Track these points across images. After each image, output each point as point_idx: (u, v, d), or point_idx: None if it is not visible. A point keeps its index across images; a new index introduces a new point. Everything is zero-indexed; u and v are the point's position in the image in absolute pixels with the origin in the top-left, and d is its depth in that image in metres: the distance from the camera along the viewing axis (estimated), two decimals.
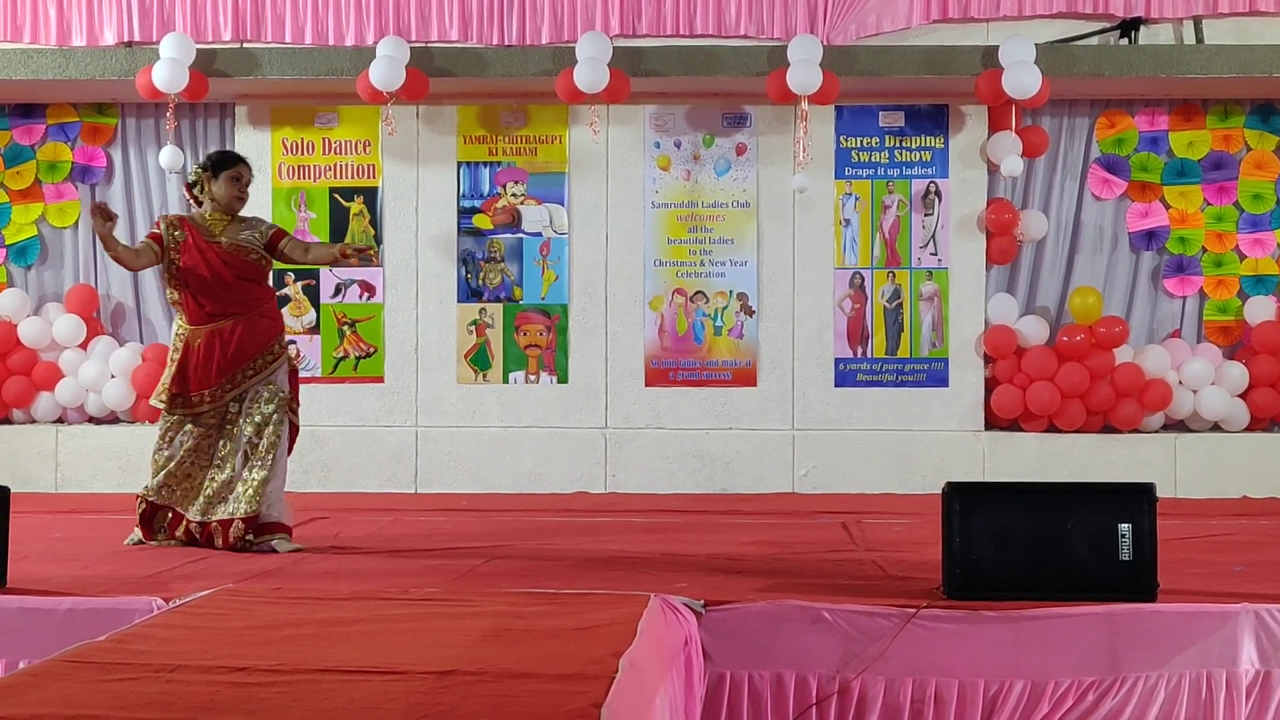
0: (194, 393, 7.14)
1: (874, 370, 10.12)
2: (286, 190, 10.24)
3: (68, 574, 6.25)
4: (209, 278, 7.12)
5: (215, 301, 7.14)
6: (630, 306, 10.19)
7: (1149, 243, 10.26)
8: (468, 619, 5.05)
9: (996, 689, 5.36)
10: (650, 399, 10.17)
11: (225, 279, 7.13)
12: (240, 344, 7.12)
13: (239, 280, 7.17)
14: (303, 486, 10.06)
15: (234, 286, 7.16)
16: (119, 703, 3.80)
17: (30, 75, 9.81)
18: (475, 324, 10.22)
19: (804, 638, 5.40)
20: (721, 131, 10.19)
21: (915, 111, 10.14)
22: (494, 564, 6.70)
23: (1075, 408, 9.96)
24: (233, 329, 7.12)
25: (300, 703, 3.81)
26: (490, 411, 10.20)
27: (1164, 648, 5.38)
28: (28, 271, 10.62)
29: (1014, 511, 5.54)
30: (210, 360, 7.11)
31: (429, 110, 10.19)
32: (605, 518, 8.68)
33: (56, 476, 10.17)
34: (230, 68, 9.74)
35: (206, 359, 7.11)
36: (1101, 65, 9.68)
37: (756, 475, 10.07)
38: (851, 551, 7.11)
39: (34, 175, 10.53)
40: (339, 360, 10.25)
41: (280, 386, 7.21)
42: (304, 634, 4.78)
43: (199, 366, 7.12)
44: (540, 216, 10.23)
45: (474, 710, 3.74)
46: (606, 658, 4.27)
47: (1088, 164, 10.30)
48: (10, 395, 10.35)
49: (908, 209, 10.12)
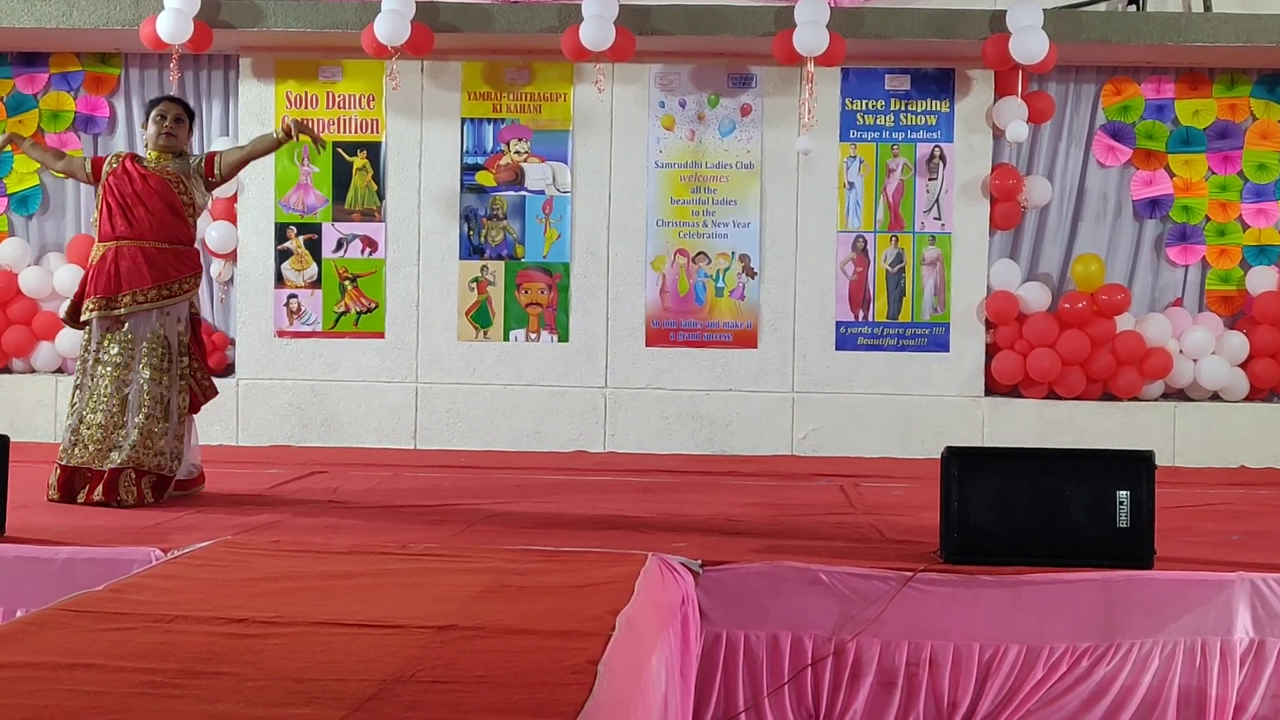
0: (86, 298, 7.13)
1: (875, 334, 10.12)
2: (289, 144, 10.18)
3: (66, 524, 6.28)
4: (129, 194, 7.11)
5: (127, 222, 7.11)
6: (632, 266, 10.17)
7: (1152, 211, 10.24)
8: (466, 575, 5.07)
9: (991, 653, 5.39)
10: (650, 359, 10.16)
11: (144, 200, 7.11)
12: (138, 265, 7.06)
13: (159, 207, 7.13)
14: (303, 440, 10.11)
15: (152, 212, 7.12)
16: (117, 652, 3.82)
17: (34, 23, 9.75)
18: (477, 281, 10.21)
19: (801, 599, 5.42)
20: (726, 92, 10.16)
21: (921, 75, 10.11)
22: (492, 521, 6.73)
23: (1075, 375, 9.96)
24: (136, 250, 7.08)
25: (298, 654, 3.83)
26: (490, 369, 10.20)
27: (1160, 615, 5.41)
28: (29, 221, 10.60)
29: (1013, 477, 5.56)
30: (101, 272, 7.08)
31: (433, 66, 10.15)
32: (604, 477, 8.71)
33: (55, 426, 10.16)
34: (235, 19, 9.69)
35: (100, 272, 7.09)
36: (1109, 32, 9.64)
37: (756, 437, 10.08)
38: (849, 514, 7.13)
39: (36, 124, 10.49)
40: (340, 315, 10.24)
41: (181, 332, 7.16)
42: (302, 586, 4.80)
43: (94, 277, 7.11)
44: (543, 174, 10.20)
45: (471, 665, 3.75)
46: (604, 615, 4.29)
47: (1093, 131, 10.27)
48: (10, 345, 10.35)
49: (912, 173, 10.10)
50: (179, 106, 7.36)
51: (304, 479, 8.23)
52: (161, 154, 7.25)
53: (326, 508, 7.11)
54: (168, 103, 7.36)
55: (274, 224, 10.22)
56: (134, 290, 7.04)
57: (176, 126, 7.28)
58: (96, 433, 6.99)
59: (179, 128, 7.30)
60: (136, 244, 7.08)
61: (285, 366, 10.21)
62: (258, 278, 10.26)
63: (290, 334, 10.24)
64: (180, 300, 7.15)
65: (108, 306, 7.06)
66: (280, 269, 10.24)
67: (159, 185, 7.14)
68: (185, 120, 7.37)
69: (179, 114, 7.32)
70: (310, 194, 10.22)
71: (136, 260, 7.06)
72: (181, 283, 7.17)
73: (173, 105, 7.34)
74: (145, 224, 7.10)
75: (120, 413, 7.02)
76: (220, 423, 9.93)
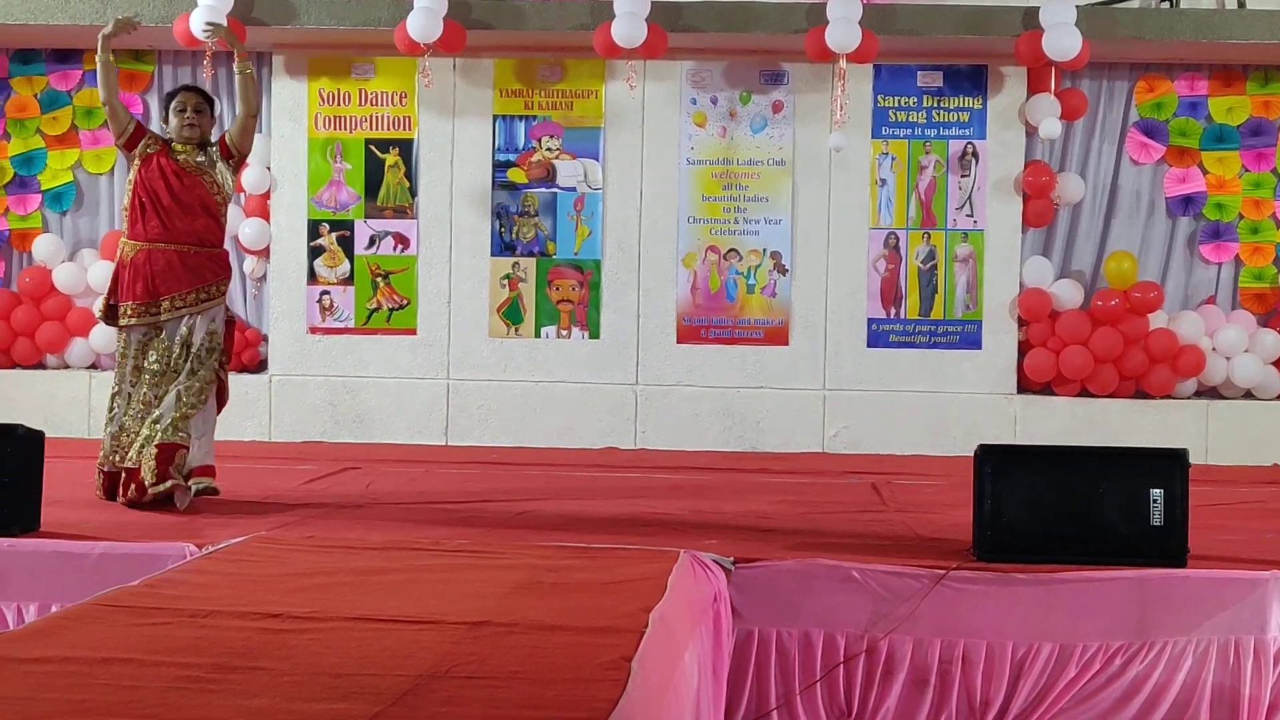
0: (123, 302, 7.00)
1: (907, 331, 10.10)
2: (322, 141, 10.25)
3: (101, 519, 6.30)
4: (161, 192, 6.98)
5: (161, 223, 6.97)
6: (663, 263, 10.17)
7: (1186, 208, 10.20)
8: (499, 571, 5.08)
9: (1025, 651, 5.37)
10: (681, 356, 10.16)
11: (179, 198, 6.98)
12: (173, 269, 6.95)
13: (194, 207, 7.02)
14: (334, 436, 10.13)
15: (186, 212, 6.99)
16: (153, 647, 3.84)
17: (68, 20, 9.80)
18: (508, 278, 10.23)
19: (833, 596, 5.41)
20: (758, 89, 10.15)
21: (954, 72, 10.08)
22: (525, 517, 6.74)
23: (1108, 372, 9.93)
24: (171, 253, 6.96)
25: (333, 650, 3.84)
26: (522, 366, 10.22)
27: (1193, 613, 5.38)
28: (63, 217, 10.65)
29: (1046, 475, 5.55)
30: (137, 276, 6.96)
31: (466, 63, 10.17)
32: (635, 474, 8.71)
33: (89, 422, 10.22)
34: (268, 16, 9.73)
35: (135, 276, 6.96)
36: (1142, 29, 9.61)
37: (787, 434, 10.07)
38: (881, 512, 7.12)
39: (70, 121, 10.55)
40: (372, 312, 10.27)
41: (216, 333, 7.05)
42: (336, 582, 4.82)
43: (130, 283, 6.98)
44: (575, 171, 10.21)
45: (505, 661, 3.76)
46: (637, 612, 4.30)
47: (1126, 128, 10.23)
48: (44, 341, 10.41)
49: (944, 170, 10.08)
50: (198, 95, 7.22)
51: (336, 475, 8.25)
52: (188, 146, 7.12)
53: (359, 504, 7.13)
54: (185, 93, 7.21)
55: (307, 221, 10.25)
56: (172, 295, 6.93)
57: (198, 116, 7.14)
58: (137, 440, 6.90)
59: (200, 118, 7.16)
60: (171, 246, 6.96)
61: (318, 363, 10.24)
62: (290, 274, 10.29)
63: (323, 330, 10.27)
64: (217, 303, 7.05)
65: (148, 313, 6.94)
66: (313, 265, 10.27)
67: (192, 182, 7.03)
68: (206, 109, 7.21)
69: (198, 103, 7.16)
70: (343, 191, 10.25)
71: (172, 263, 6.95)
72: (217, 284, 7.07)
73: (191, 95, 7.20)
74: (179, 226, 6.97)
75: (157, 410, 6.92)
76: (253, 419, 9.99)
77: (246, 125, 7.23)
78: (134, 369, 7.01)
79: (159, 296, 6.94)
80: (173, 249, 6.97)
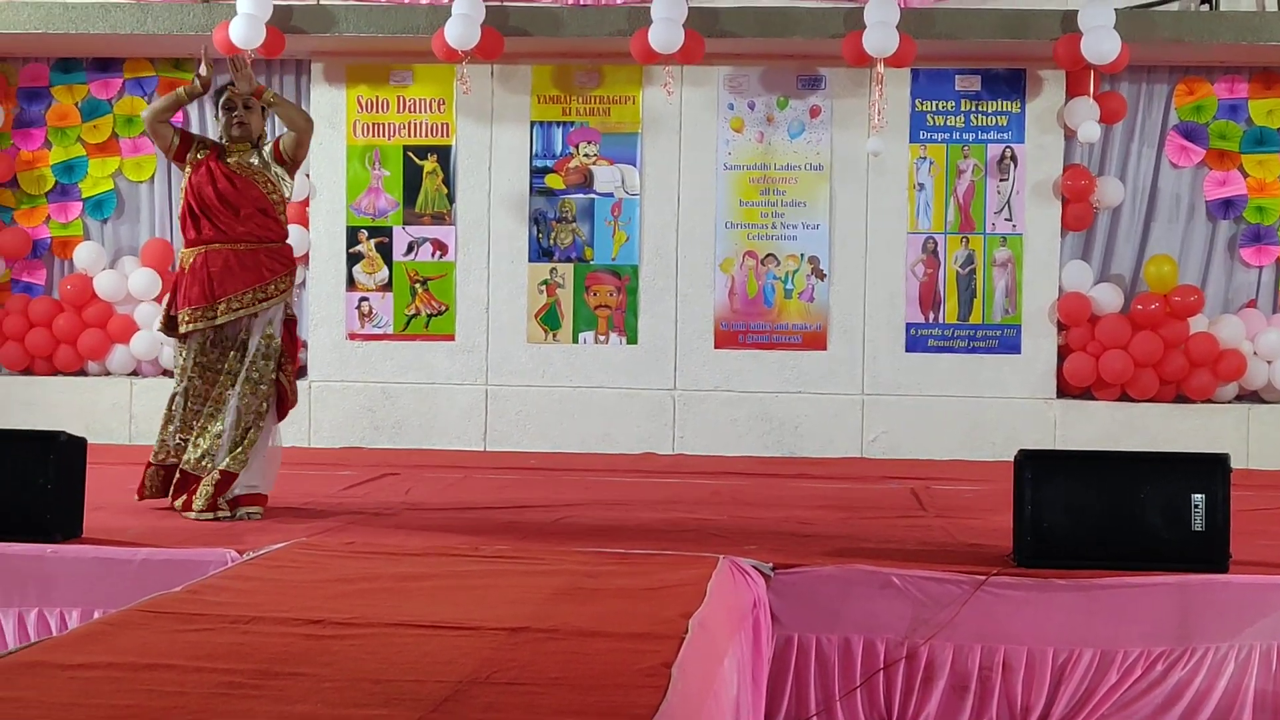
0: (181, 309, 6.91)
1: (945, 336, 10.07)
2: (361, 148, 10.28)
3: (142, 525, 6.35)
4: (211, 198, 6.90)
5: (215, 227, 6.89)
6: (701, 268, 10.18)
7: (1226, 211, 10.14)
8: (539, 577, 5.09)
9: (1065, 657, 5.36)
10: (719, 361, 10.16)
11: (231, 202, 6.89)
12: (230, 269, 6.85)
13: (249, 210, 6.93)
14: (373, 442, 10.16)
15: (239, 215, 6.90)
16: (195, 653, 3.86)
17: (108, 29, 9.87)
18: (546, 284, 10.24)
19: (873, 602, 5.41)
20: (796, 94, 10.14)
21: (992, 75, 10.06)
22: (564, 523, 6.75)
23: (1148, 377, 9.88)
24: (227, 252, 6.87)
25: (374, 655, 3.86)
26: (560, 371, 10.23)
27: (1235, 619, 5.36)
28: (104, 225, 10.71)
29: (1086, 480, 5.53)
30: (194, 280, 6.86)
31: (503, 69, 10.19)
32: (673, 479, 8.71)
33: (131, 428, 10.28)
34: (306, 24, 9.77)
35: (192, 280, 6.87)
36: (1182, 31, 9.56)
37: (825, 439, 10.05)
38: (921, 517, 7.10)
39: (111, 129, 10.61)
40: (410, 318, 10.29)
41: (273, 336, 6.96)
42: (377, 588, 4.84)
43: (188, 287, 6.89)
44: (612, 177, 10.22)
45: (545, 666, 3.77)
46: (676, 618, 4.30)
47: (1165, 131, 10.18)
48: (86, 348, 10.47)
49: (983, 174, 10.05)
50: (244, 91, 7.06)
51: (375, 481, 8.28)
52: (239, 145, 7.04)
53: (399, 509, 7.15)
54: (232, 91, 7.04)
55: (345, 228, 10.29)
56: (229, 296, 6.82)
57: (246, 113, 7.04)
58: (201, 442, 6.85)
59: (249, 114, 7.05)
60: (226, 246, 6.87)
61: (356, 369, 10.28)
62: (329, 281, 10.33)
63: (361, 336, 10.30)
64: (277, 301, 6.94)
65: (205, 316, 6.84)
66: (352, 272, 10.31)
67: (245, 184, 6.94)
68: (255, 105, 7.07)
69: (247, 100, 7.05)
70: (381, 198, 10.28)
71: (229, 262, 6.85)
72: (277, 282, 6.94)
73: (239, 94, 7.04)
74: (233, 227, 6.88)
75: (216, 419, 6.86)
76: (293, 425, 9.96)
77: (300, 140, 7.12)
78: (194, 365, 6.92)
79: (216, 299, 6.83)
80: (228, 249, 6.88)
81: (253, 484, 6.87)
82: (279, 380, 6.98)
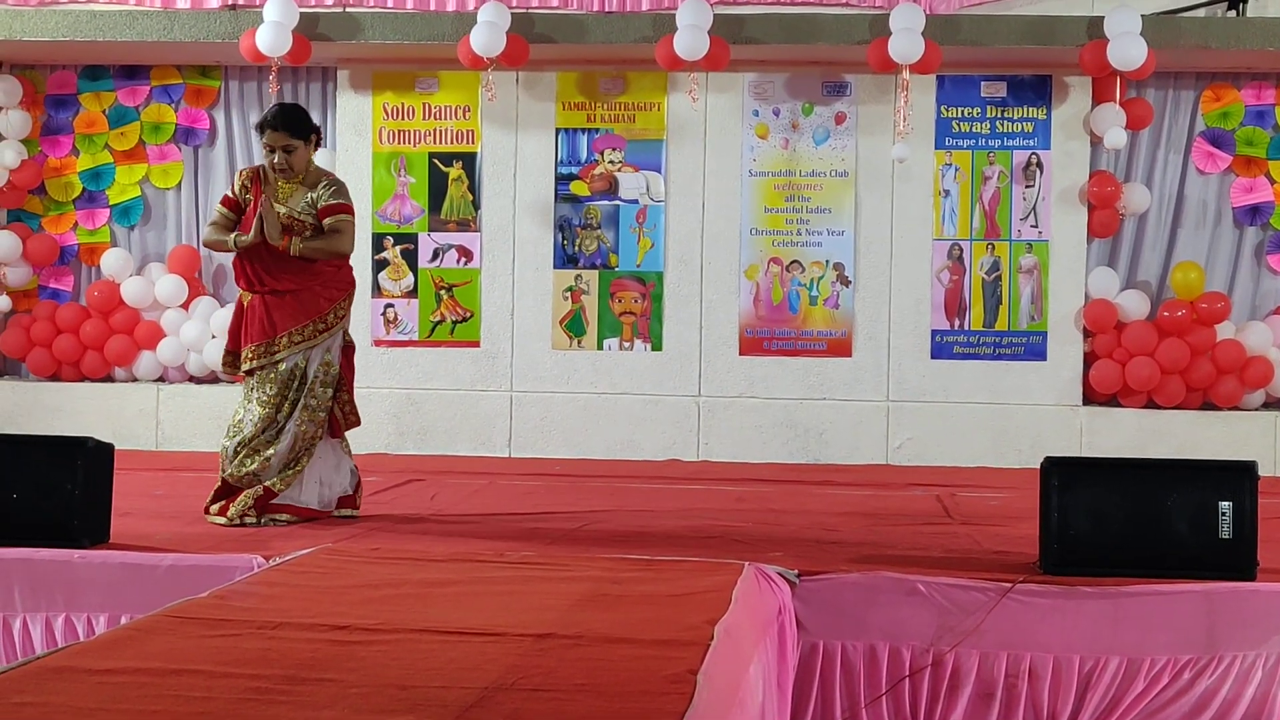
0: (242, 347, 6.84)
1: (971, 343, 10.06)
2: (386, 155, 10.31)
3: (169, 530, 6.36)
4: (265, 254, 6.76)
5: (268, 272, 6.77)
6: (726, 275, 10.17)
7: (1253, 218, 10.11)
8: (564, 583, 5.09)
9: (1092, 665, 5.34)
10: (744, 368, 10.16)
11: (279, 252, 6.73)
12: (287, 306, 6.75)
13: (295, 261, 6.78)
14: (398, 449, 10.18)
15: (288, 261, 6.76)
16: (222, 658, 3.87)
17: (135, 37, 9.92)
18: (571, 290, 10.25)
19: (898, 609, 5.39)
20: (821, 100, 10.14)
21: (1018, 82, 10.04)
22: (588, 529, 6.74)
23: (1175, 384, 9.85)
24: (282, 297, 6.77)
25: (400, 661, 3.86)
26: (584, 377, 10.23)
27: (1262, 627, 5.33)
28: (131, 232, 10.76)
29: (1113, 487, 5.51)
30: (254, 319, 6.79)
31: (529, 76, 10.21)
32: (698, 485, 8.70)
33: (157, 435, 10.32)
34: (332, 31, 9.80)
35: (251, 318, 6.81)
36: (1208, 37, 9.54)
37: (850, 446, 10.04)
38: (946, 524, 7.08)
39: (138, 136, 10.66)
40: (436, 324, 10.31)
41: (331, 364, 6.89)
42: (402, 594, 4.84)
43: (248, 326, 6.82)
44: (637, 184, 10.23)
45: (571, 673, 3.77)
46: (702, 625, 4.29)
47: (1192, 137, 10.16)
48: (113, 354, 10.51)
49: (1008, 180, 10.03)
50: (285, 134, 6.75)
51: (401, 487, 8.29)
52: (286, 185, 6.83)
53: (424, 515, 7.16)
54: (272, 132, 6.74)
55: (371, 234, 10.30)
56: (289, 331, 6.76)
57: (288, 157, 6.77)
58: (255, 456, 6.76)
59: (291, 157, 6.77)
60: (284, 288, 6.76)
61: (382, 375, 10.29)
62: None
63: (387, 343, 10.32)
64: (335, 331, 6.88)
65: (267, 352, 6.75)
66: (377, 279, 10.33)
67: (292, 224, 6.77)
68: (297, 145, 6.76)
69: (287, 143, 6.74)
70: (406, 204, 10.31)
71: (286, 301, 6.76)
72: (335, 310, 6.86)
73: (279, 135, 6.74)
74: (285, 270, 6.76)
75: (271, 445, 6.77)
76: None
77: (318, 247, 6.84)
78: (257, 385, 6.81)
79: (276, 334, 6.77)
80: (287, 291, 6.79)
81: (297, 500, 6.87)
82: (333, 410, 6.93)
